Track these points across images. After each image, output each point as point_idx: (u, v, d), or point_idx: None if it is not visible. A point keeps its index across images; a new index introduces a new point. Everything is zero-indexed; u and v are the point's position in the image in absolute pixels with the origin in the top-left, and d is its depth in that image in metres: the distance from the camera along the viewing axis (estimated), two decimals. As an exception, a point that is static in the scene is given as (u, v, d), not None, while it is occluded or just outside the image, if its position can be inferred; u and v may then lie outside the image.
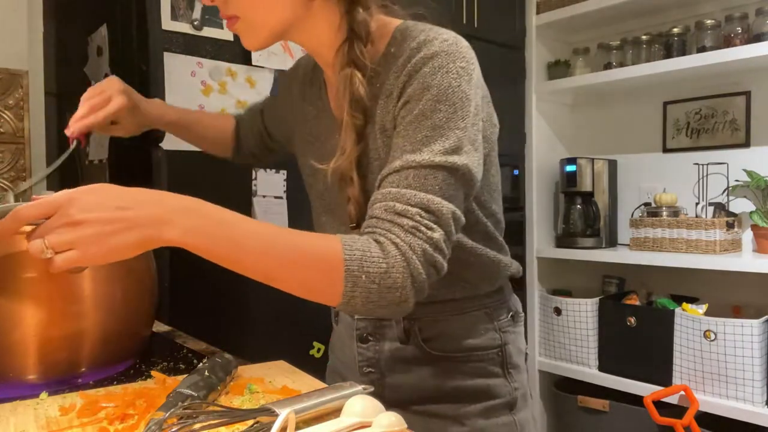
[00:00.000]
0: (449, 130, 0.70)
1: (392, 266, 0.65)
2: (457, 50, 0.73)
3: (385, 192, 0.69)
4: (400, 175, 0.69)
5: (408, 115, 0.72)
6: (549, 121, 2.53)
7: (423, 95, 0.71)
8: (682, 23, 2.21)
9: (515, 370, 0.88)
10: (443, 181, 0.69)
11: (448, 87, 0.71)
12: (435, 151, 0.69)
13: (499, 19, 2.33)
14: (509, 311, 0.89)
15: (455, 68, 0.72)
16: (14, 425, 0.63)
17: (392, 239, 0.66)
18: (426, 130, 0.70)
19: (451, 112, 0.70)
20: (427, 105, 0.70)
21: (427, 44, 0.73)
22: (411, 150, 0.70)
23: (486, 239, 0.85)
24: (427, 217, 0.67)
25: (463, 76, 0.72)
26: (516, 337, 0.89)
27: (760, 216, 1.98)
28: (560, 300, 2.32)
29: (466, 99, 0.72)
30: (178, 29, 1.45)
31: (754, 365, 1.81)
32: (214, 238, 0.62)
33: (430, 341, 0.85)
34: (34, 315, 0.75)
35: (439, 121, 0.70)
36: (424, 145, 0.70)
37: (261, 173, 1.57)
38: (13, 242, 0.74)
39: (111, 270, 0.81)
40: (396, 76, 0.74)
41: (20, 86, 1.63)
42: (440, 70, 0.71)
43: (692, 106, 2.29)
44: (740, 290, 2.12)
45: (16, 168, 1.61)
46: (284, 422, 0.53)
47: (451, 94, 0.71)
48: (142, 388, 0.72)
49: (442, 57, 0.72)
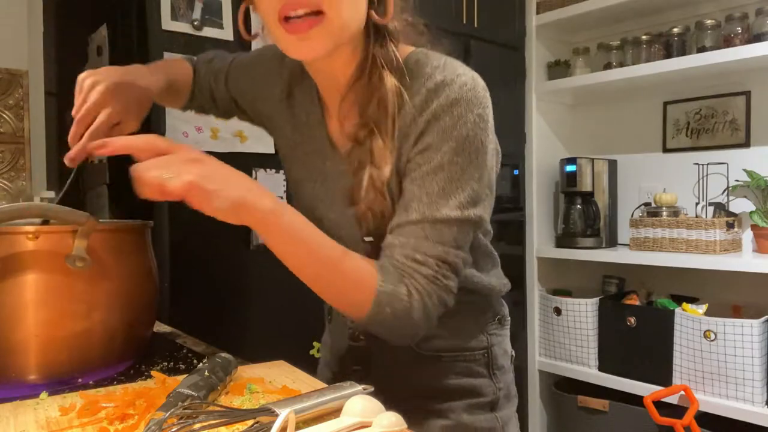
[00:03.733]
0: (465, 183, 0.72)
1: (414, 309, 0.72)
2: (475, 96, 0.73)
3: (404, 241, 0.73)
4: (418, 228, 0.72)
5: (425, 165, 0.73)
6: (549, 121, 2.53)
7: (441, 146, 0.72)
8: (682, 23, 2.21)
9: (500, 371, 0.91)
10: (458, 232, 0.73)
11: (466, 138, 0.72)
12: (452, 206, 0.72)
13: (499, 19, 2.33)
14: (496, 315, 0.92)
15: (473, 117, 0.73)
16: (14, 425, 0.63)
17: (416, 286, 0.72)
18: (443, 182, 0.72)
19: (467, 164, 0.72)
20: (445, 157, 0.72)
21: (445, 88, 0.73)
22: (428, 203, 0.72)
23: (485, 256, 0.90)
24: (444, 267, 0.73)
25: (480, 124, 0.73)
26: (502, 340, 0.92)
27: (760, 216, 1.99)
28: (560, 300, 2.32)
29: (482, 148, 0.73)
30: (178, 29, 1.45)
31: (754, 365, 1.81)
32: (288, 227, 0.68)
33: (422, 342, 0.86)
34: (34, 315, 0.75)
35: (456, 174, 0.72)
36: (441, 198, 0.72)
37: (261, 173, 1.57)
38: (13, 242, 0.75)
39: (111, 270, 0.81)
40: (412, 118, 0.74)
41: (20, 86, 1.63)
42: (459, 121, 0.72)
43: (692, 106, 2.29)
44: (740, 290, 2.12)
45: (16, 168, 1.61)
46: (284, 422, 0.53)
47: (468, 145, 0.72)
48: (142, 388, 0.72)
49: (461, 106, 0.72)
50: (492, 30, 2.27)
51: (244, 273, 1.55)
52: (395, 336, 0.75)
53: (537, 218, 2.46)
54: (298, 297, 1.18)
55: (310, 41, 0.70)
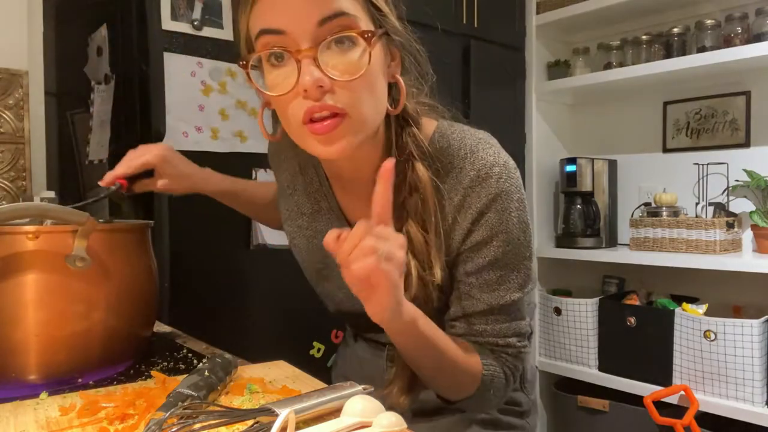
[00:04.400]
0: (520, 264, 0.78)
1: (502, 386, 0.81)
2: (512, 184, 0.76)
3: (481, 329, 0.79)
4: (488, 318, 0.79)
5: (479, 259, 0.77)
6: (549, 121, 2.53)
7: (491, 241, 0.76)
8: (682, 23, 2.20)
9: (529, 385, 0.99)
10: (520, 305, 0.81)
11: (513, 228, 0.76)
12: (513, 288, 0.78)
13: (499, 19, 2.33)
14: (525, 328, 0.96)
15: (515, 205, 0.76)
16: (14, 425, 0.63)
17: (509, 365, 0.81)
18: (500, 271, 0.77)
19: (517, 249, 0.77)
20: (499, 251, 0.76)
21: (482, 184, 0.76)
22: (489, 291, 0.78)
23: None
24: (521, 340, 0.81)
25: (521, 209, 0.77)
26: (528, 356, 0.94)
27: (760, 216, 1.98)
28: (560, 300, 2.32)
29: (527, 229, 0.78)
30: (178, 29, 1.45)
31: (754, 365, 1.81)
32: (423, 331, 0.71)
33: None
34: (34, 315, 0.75)
35: (511, 261, 0.77)
36: (500, 285, 0.78)
37: (261, 173, 1.57)
38: (13, 242, 0.75)
39: (111, 270, 0.81)
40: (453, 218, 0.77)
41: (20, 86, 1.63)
42: (504, 214, 0.76)
43: (692, 106, 2.29)
44: (740, 290, 2.12)
45: (16, 168, 1.61)
46: (284, 422, 0.53)
47: (516, 233, 0.77)
48: (142, 388, 0.72)
49: (503, 199, 0.76)
50: (492, 30, 2.27)
51: (244, 273, 1.55)
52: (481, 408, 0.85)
53: (537, 218, 2.46)
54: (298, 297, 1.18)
55: (336, 141, 0.69)
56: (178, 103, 1.44)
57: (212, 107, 1.50)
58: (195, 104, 1.47)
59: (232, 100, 1.53)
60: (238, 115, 1.54)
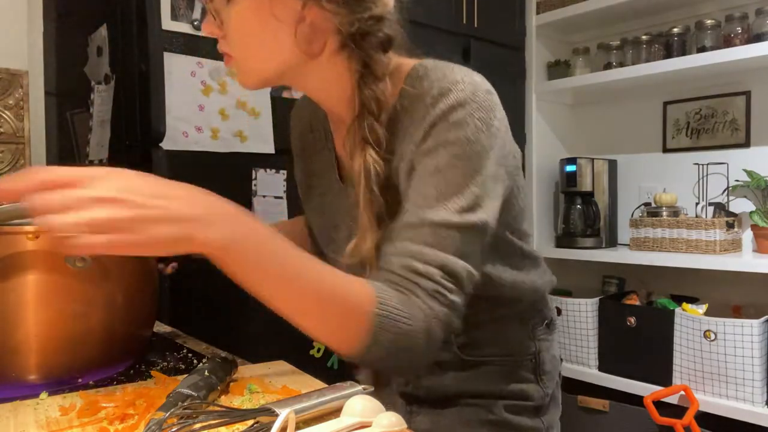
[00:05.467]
0: (466, 188, 0.69)
1: (415, 331, 0.65)
2: (474, 100, 0.71)
3: (401, 247, 0.68)
4: (417, 232, 0.68)
5: (424, 170, 0.70)
6: (549, 121, 2.53)
7: (439, 150, 0.70)
8: (682, 23, 2.20)
9: (547, 377, 0.90)
10: (461, 239, 0.68)
11: (466, 142, 0.69)
12: (451, 209, 0.68)
13: (499, 19, 2.33)
14: (544, 320, 0.90)
15: (473, 121, 0.70)
16: (14, 425, 0.63)
17: (418, 304, 0.65)
18: (442, 186, 0.69)
19: (468, 168, 0.69)
20: (443, 160, 0.69)
21: (443, 96, 0.71)
22: (427, 206, 0.68)
23: (522, 258, 0.85)
24: (448, 279, 0.67)
25: (482, 129, 0.70)
26: (550, 345, 0.91)
27: (760, 216, 1.98)
28: (560, 300, 2.32)
29: (483, 152, 0.70)
30: (178, 29, 1.45)
31: (754, 365, 1.81)
32: (254, 257, 0.58)
33: (466, 347, 0.85)
34: (34, 315, 0.75)
35: (455, 178, 0.69)
36: (439, 202, 0.68)
37: (261, 173, 1.57)
38: (13, 242, 0.75)
39: (112, 270, 0.81)
40: (418, 125, 0.72)
41: (20, 86, 1.63)
42: (458, 125, 0.69)
43: (692, 106, 2.29)
44: (740, 290, 2.12)
45: (16, 168, 1.61)
46: (284, 422, 0.53)
47: (468, 149, 0.69)
48: (142, 388, 0.72)
49: (460, 110, 0.70)
50: (492, 30, 2.27)
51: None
52: (395, 365, 0.68)
53: (537, 218, 2.46)
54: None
55: (239, 75, 0.78)
56: (178, 103, 1.44)
57: (212, 107, 1.50)
58: (195, 104, 1.47)
59: (232, 100, 1.53)
60: (238, 115, 1.54)
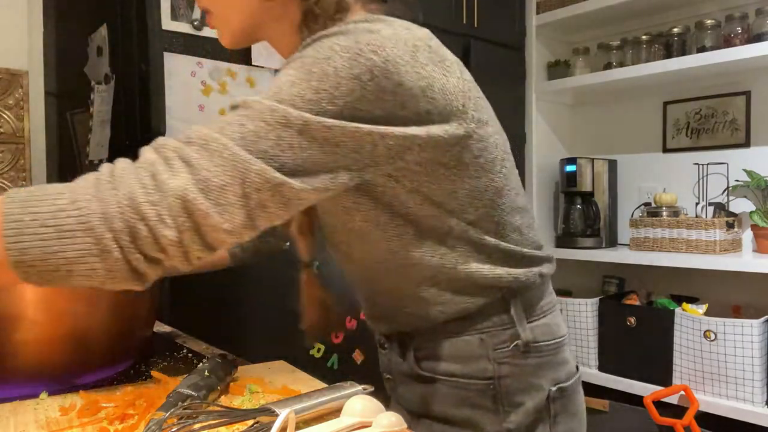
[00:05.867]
0: (290, 86, 0.59)
1: (79, 198, 0.52)
2: (355, 30, 0.62)
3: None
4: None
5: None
6: (549, 121, 2.53)
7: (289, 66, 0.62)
8: (682, 23, 2.20)
9: (515, 409, 0.74)
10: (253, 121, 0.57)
11: (309, 58, 0.60)
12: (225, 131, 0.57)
13: (499, 19, 2.33)
14: (514, 340, 0.74)
15: (331, 44, 0.60)
16: (14, 425, 0.63)
17: (115, 164, 0.54)
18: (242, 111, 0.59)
19: (299, 76, 0.59)
20: (281, 74, 0.61)
21: (333, 35, 0.62)
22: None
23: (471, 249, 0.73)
24: (180, 146, 0.56)
25: (340, 52, 0.59)
26: (526, 371, 0.75)
27: (760, 216, 1.98)
28: (560, 300, 2.32)
29: (328, 70, 0.59)
30: (178, 29, 1.45)
31: (754, 365, 1.81)
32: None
33: (422, 361, 0.78)
34: (34, 315, 0.75)
35: (280, 82, 0.60)
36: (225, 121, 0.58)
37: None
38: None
39: (111, 270, 0.81)
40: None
41: (20, 86, 1.63)
42: (315, 46, 0.62)
43: (692, 106, 2.29)
44: (740, 290, 2.12)
45: (16, 168, 1.61)
46: (284, 422, 0.53)
47: (310, 64, 0.60)
48: (142, 388, 0.72)
49: (330, 38, 0.62)
50: (492, 30, 2.27)
51: (245, 273, 1.55)
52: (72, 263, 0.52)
53: (537, 218, 2.46)
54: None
55: (218, 31, 0.78)
56: (178, 103, 1.44)
57: (212, 107, 1.50)
58: (195, 104, 1.47)
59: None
60: (238, 115, 1.54)
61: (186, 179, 0.54)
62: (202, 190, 0.54)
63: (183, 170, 0.55)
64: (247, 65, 1.54)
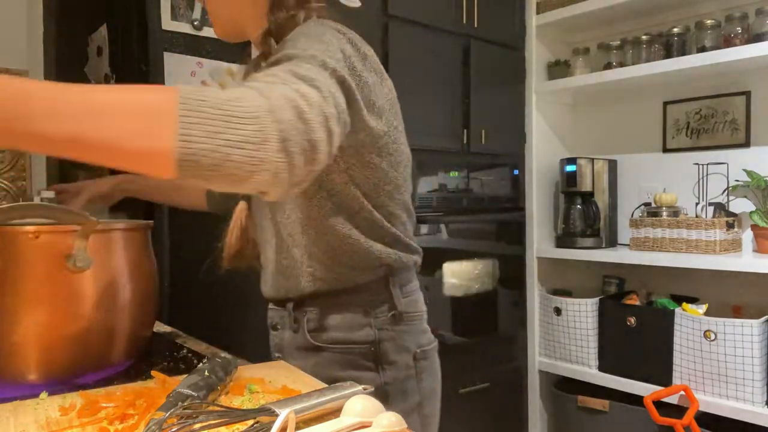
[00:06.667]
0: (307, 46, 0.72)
1: (242, 95, 0.57)
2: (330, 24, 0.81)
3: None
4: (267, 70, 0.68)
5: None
6: (549, 121, 2.53)
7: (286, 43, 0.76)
8: (682, 23, 2.21)
9: (390, 366, 0.91)
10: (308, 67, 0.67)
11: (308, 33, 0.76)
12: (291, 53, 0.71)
13: (499, 19, 2.33)
14: (391, 311, 0.91)
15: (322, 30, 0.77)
16: (14, 425, 0.63)
17: (260, 87, 0.60)
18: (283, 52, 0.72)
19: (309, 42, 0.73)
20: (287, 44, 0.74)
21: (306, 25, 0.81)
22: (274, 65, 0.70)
23: (370, 229, 0.89)
24: (296, 78, 0.64)
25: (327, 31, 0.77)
26: (398, 336, 0.91)
27: (760, 216, 1.99)
28: (560, 300, 2.32)
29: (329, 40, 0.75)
30: (178, 29, 1.45)
31: (754, 365, 1.81)
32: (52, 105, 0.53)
33: (314, 332, 0.91)
34: (34, 315, 0.75)
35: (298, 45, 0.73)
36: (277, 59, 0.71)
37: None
38: (13, 242, 0.75)
39: (111, 270, 0.81)
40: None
41: (20, 86, 1.62)
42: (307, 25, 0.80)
43: (692, 106, 2.29)
44: (740, 290, 2.12)
45: (16, 168, 1.61)
46: (284, 422, 0.53)
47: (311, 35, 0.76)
48: (142, 388, 0.72)
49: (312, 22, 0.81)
50: (492, 30, 2.27)
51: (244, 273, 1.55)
52: (238, 147, 0.55)
53: (537, 218, 2.46)
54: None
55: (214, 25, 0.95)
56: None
57: (212, 107, 1.50)
58: (195, 104, 1.47)
59: (232, 100, 1.53)
60: (238, 115, 1.54)
61: (320, 97, 0.64)
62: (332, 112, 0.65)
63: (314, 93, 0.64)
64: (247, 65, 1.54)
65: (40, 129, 0.52)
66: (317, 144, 0.61)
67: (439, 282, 2.11)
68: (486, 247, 2.29)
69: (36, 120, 0.52)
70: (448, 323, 2.18)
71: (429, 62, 2.04)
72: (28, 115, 0.52)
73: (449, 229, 2.15)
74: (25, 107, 0.52)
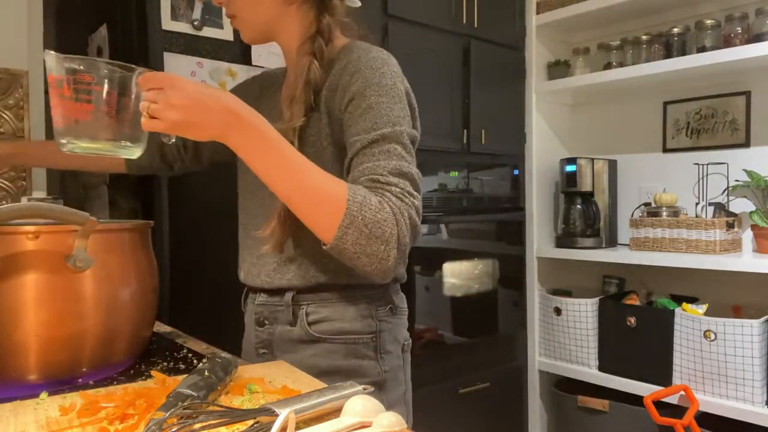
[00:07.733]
0: (390, 112, 0.87)
1: (385, 220, 0.80)
2: (389, 59, 0.92)
3: (361, 169, 0.85)
4: (366, 153, 0.85)
5: (356, 110, 0.88)
6: (549, 121, 2.54)
7: (365, 92, 0.88)
8: (682, 23, 2.21)
9: (387, 355, 0.99)
10: (399, 145, 0.86)
11: (385, 85, 0.88)
12: (383, 125, 0.86)
13: (499, 19, 2.33)
14: (388, 304, 1.00)
15: (386, 69, 0.90)
16: (14, 425, 0.63)
17: (387, 199, 0.81)
18: (374, 118, 0.86)
19: (390, 103, 0.88)
20: (372, 99, 0.87)
21: (362, 55, 0.91)
22: (365, 132, 0.86)
23: None
24: (405, 182, 0.84)
25: (397, 77, 0.91)
26: (393, 327, 1.01)
27: (760, 216, 1.99)
28: (560, 300, 2.32)
29: (395, 88, 0.89)
30: (178, 29, 1.45)
31: (754, 365, 1.81)
32: (261, 155, 0.80)
33: (314, 324, 0.96)
34: (34, 315, 0.75)
35: (383, 110, 0.87)
36: (373, 127, 0.86)
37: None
38: (13, 242, 0.75)
39: (111, 270, 0.81)
40: (339, 74, 0.91)
41: (20, 86, 1.63)
42: (376, 72, 0.89)
43: (692, 106, 2.29)
44: (740, 290, 2.12)
45: (16, 168, 1.61)
46: (284, 422, 0.53)
47: (388, 89, 0.88)
48: (142, 388, 0.72)
49: (378, 61, 0.90)
50: (492, 30, 2.27)
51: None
52: (369, 256, 0.80)
53: (537, 218, 2.46)
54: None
55: (240, 32, 1.00)
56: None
57: (212, 107, 1.50)
58: (195, 104, 1.47)
59: (232, 100, 1.53)
60: (238, 115, 1.54)
61: (420, 204, 0.87)
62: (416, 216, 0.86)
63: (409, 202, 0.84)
64: (247, 65, 1.54)
65: (265, 172, 0.81)
66: (418, 233, 0.87)
67: (439, 282, 2.11)
68: (486, 247, 2.29)
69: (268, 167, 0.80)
70: (448, 323, 2.18)
71: (429, 62, 2.04)
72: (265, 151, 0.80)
73: (449, 229, 2.15)
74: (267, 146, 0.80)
